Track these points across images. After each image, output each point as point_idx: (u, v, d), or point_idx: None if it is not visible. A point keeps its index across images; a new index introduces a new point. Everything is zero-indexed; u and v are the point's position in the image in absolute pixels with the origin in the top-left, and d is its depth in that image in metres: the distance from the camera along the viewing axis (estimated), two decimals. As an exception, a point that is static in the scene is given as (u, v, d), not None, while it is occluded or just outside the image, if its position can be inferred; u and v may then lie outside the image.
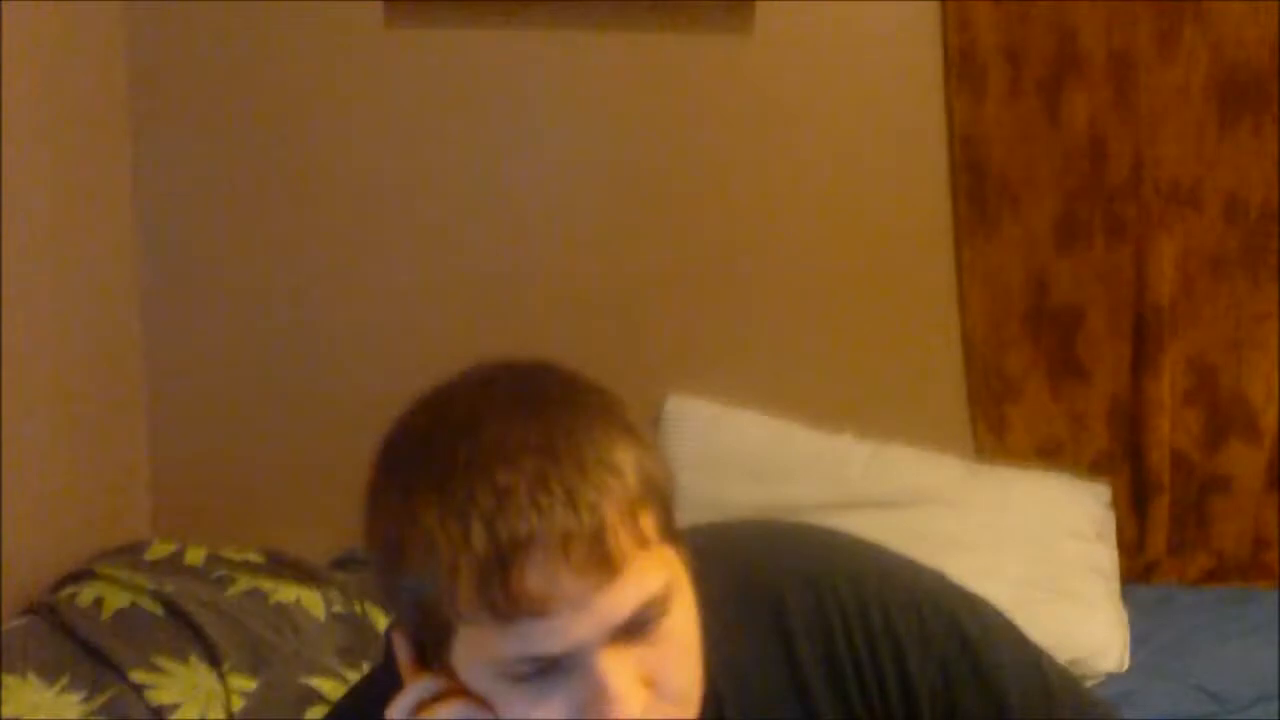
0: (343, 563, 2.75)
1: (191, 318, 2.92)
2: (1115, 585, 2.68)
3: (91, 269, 2.78)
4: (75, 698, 2.12)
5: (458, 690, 1.12)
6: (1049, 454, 2.84)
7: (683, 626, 1.12)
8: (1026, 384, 2.83)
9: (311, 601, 2.41)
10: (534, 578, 1.03)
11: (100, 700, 2.12)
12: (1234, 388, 2.78)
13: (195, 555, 2.52)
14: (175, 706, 2.13)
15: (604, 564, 1.05)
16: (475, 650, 1.08)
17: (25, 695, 2.09)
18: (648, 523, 1.08)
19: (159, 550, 2.54)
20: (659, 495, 1.10)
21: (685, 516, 1.18)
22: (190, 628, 2.26)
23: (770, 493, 2.71)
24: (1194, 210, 2.74)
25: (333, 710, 1.34)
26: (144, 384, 2.93)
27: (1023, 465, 2.81)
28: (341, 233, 2.89)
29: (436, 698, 1.13)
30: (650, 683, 1.09)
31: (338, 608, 2.42)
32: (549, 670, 1.07)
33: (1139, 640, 2.57)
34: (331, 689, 2.23)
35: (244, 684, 2.19)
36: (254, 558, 2.55)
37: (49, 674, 2.14)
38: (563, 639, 1.05)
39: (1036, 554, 2.64)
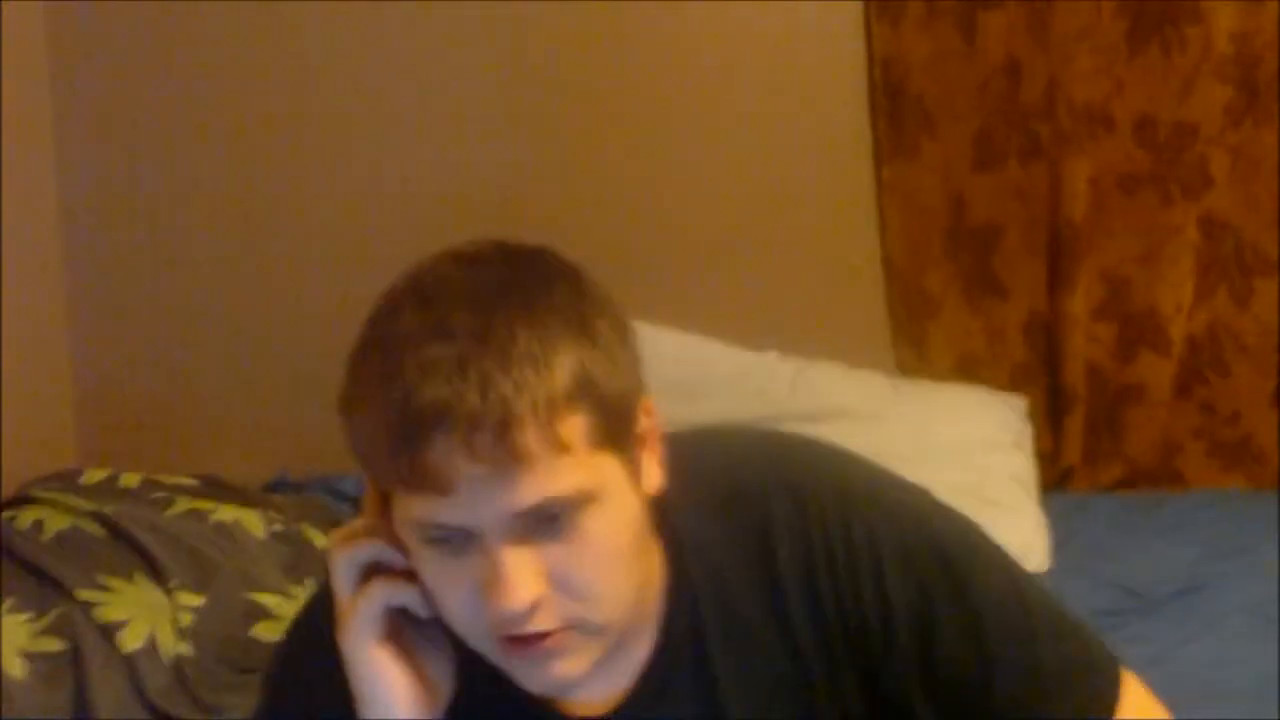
0: (274, 487, 2.77)
1: (113, 245, 2.94)
2: (1034, 492, 2.75)
3: (12, 197, 2.76)
4: (23, 617, 2.13)
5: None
6: (968, 368, 2.91)
7: (605, 531, 1.14)
8: (945, 301, 2.91)
9: (250, 521, 2.42)
10: (437, 455, 1.07)
11: (47, 619, 2.13)
12: (1145, 300, 2.85)
13: (130, 479, 2.53)
14: (124, 623, 2.14)
15: (505, 456, 1.07)
16: (400, 507, 1.13)
17: (-29, 615, 2.09)
18: (571, 427, 1.09)
19: (93, 476, 2.55)
20: (600, 402, 1.11)
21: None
22: (133, 547, 2.28)
23: (696, 410, 2.69)
24: (1106, 129, 2.80)
25: (287, 631, 1.37)
26: (64, 314, 2.93)
27: (943, 380, 2.88)
28: (274, 158, 2.91)
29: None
30: (553, 578, 1.12)
31: (277, 526, 2.44)
32: (456, 541, 1.11)
33: (1058, 544, 2.65)
34: (276, 604, 2.25)
35: (191, 600, 2.21)
36: (188, 482, 2.56)
37: (-7, 595, 2.15)
38: (461, 516, 1.09)
39: (957, 464, 2.69)
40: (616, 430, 1.13)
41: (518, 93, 2.91)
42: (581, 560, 1.13)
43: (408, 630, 1.21)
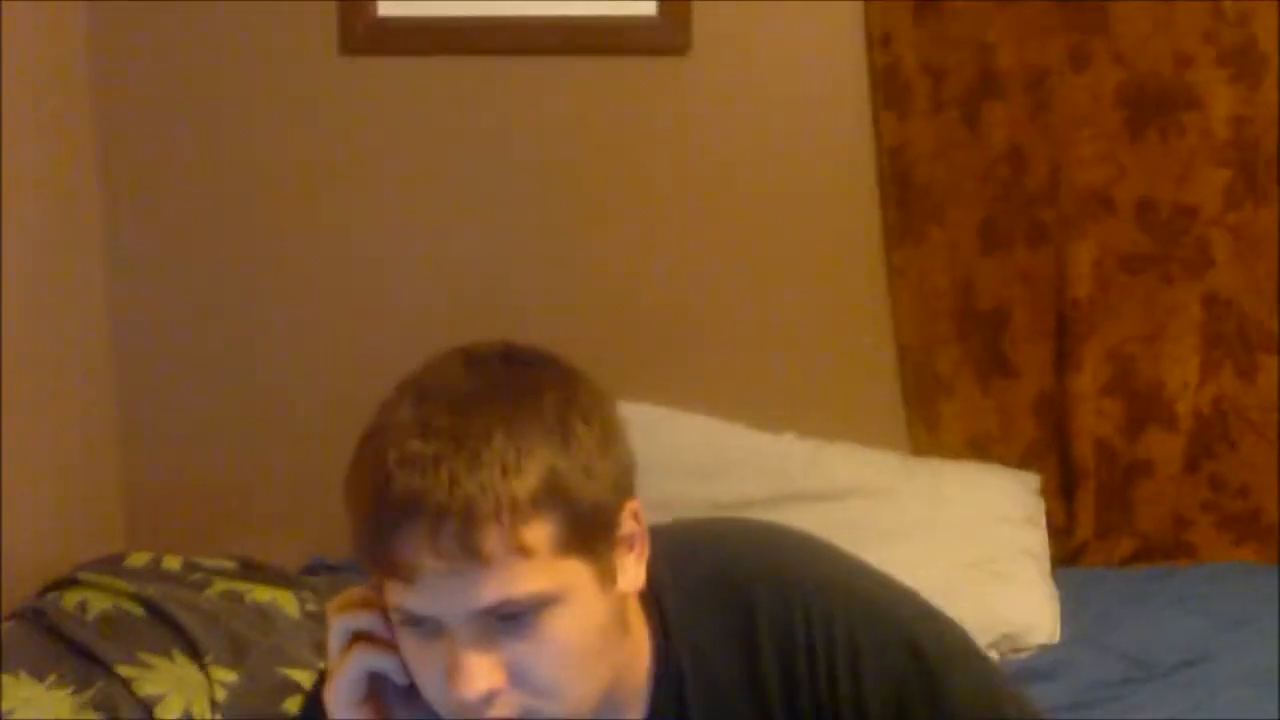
0: (312, 570, 2.87)
1: (160, 335, 3.06)
2: (1046, 565, 2.81)
3: (61, 290, 2.90)
4: (65, 691, 2.23)
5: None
6: (981, 447, 2.97)
7: (567, 632, 1.18)
8: (957, 381, 2.97)
9: (285, 601, 2.52)
10: (404, 546, 1.13)
11: (89, 694, 2.23)
12: (1151, 377, 2.92)
13: (172, 562, 2.64)
14: (161, 697, 2.23)
15: (467, 555, 1.13)
16: (384, 589, 1.19)
17: (18, 691, 2.20)
18: (535, 532, 1.14)
19: (137, 560, 2.66)
20: (570, 509, 1.16)
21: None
22: (172, 626, 2.37)
23: (714, 490, 2.82)
24: (1108, 212, 2.88)
25: (302, 704, 1.45)
26: (114, 403, 3.05)
27: (957, 459, 2.95)
28: (306, 250, 3.04)
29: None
30: (512, 673, 1.17)
31: (310, 606, 2.53)
32: (426, 627, 1.17)
33: (1068, 616, 2.70)
34: (308, 679, 2.33)
35: (225, 676, 2.30)
36: (228, 564, 2.67)
37: (39, 671, 2.25)
38: (426, 607, 1.16)
39: (970, 539, 2.77)
40: (587, 536, 1.18)
41: (532, 183, 3.01)
42: (541, 658, 1.18)
43: (392, 697, 1.27)
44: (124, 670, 2.26)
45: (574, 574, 1.18)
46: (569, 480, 1.16)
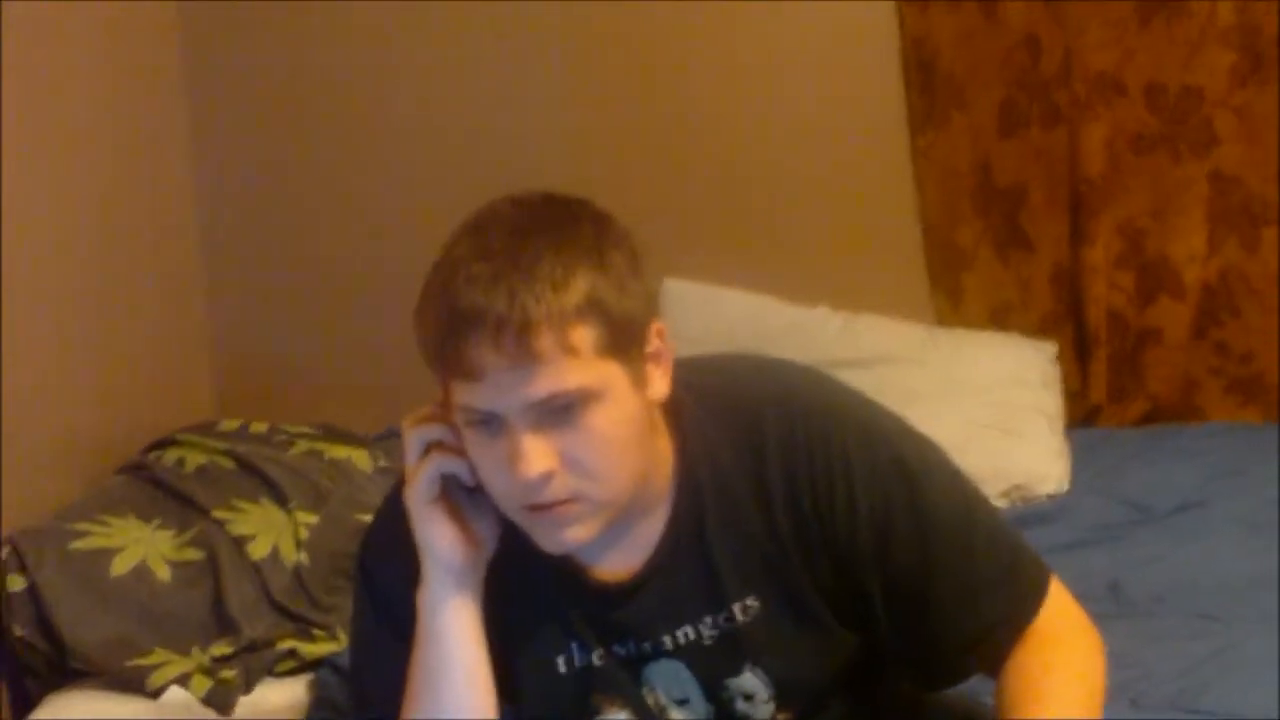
0: (385, 436, 3.13)
1: (245, 221, 3.32)
2: (1059, 424, 3.00)
3: (148, 170, 3.14)
4: (169, 532, 2.51)
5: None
6: (1000, 317, 3.17)
7: (607, 424, 1.38)
8: (977, 255, 3.16)
9: (360, 458, 2.78)
10: (470, 348, 1.34)
11: (189, 534, 2.51)
12: (1160, 250, 3.09)
13: (259, 426, 2.91)
14: (252, 537, 2.51)
15: (524, 353, 1.33)
16: (452, 395, 1.41)
17: (129, 531, 2.48)
18: (580, 336, 1.34)
19: (228, 425, 2.93)
20: (608, 318, 1.36)
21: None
22: (260, 477, 2.64)
23: (754, 358, 3.04)
24: (1119, 95, 3.04)
25: (386, 499, 1.68)
26: (205, 289, 3.32)
27: (977, 328, 3.14)
28: (389, 131, 3.28)
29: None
30: (564, 458, 1.37)
31: (382, 463, 2.79)
32: (489, 424, 1.39)
33: (1077, 470, 2.90)
34: (381, 524, 2.60)
35: (307, 518, 2.56)
36: (307, 429, 2.93)
37: (146, 515, 2.54)
38: (489, 401, 1.37)
39: (988, 400, 2.97)
40: (622, 343, 1.39)
41: (588, 80, 3.23)
42: (587, 446, 1.39)
43: (461, 497, 1.50)
44: (219, 514, 2.54)
45: (612, 374, 1.38)
46: (606, 295, 1.36)
